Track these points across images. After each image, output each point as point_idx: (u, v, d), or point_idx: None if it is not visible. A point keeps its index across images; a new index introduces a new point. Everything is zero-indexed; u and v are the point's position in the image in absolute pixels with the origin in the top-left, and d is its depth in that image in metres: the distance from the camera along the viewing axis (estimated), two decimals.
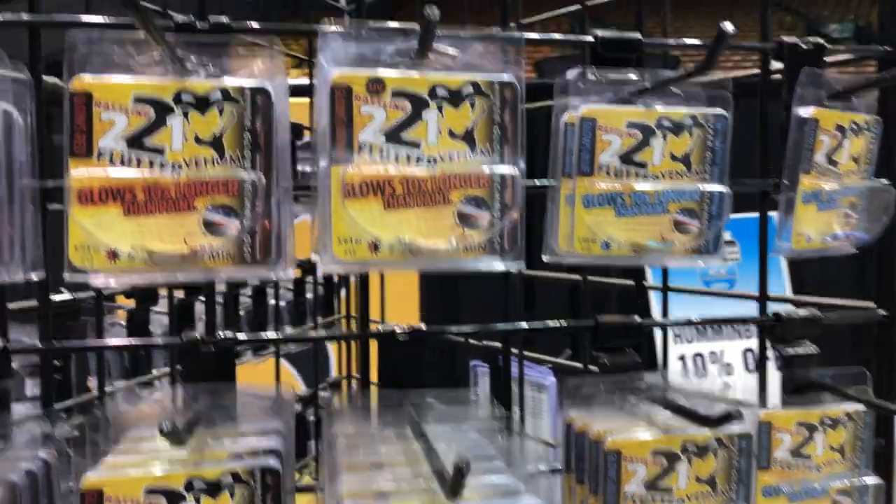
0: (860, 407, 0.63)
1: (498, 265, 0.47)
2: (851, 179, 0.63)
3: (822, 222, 0.61)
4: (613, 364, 0.63)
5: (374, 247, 0.44)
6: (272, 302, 1.21)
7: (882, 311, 0.69)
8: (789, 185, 0.61)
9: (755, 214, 0.68)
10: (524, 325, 0.62)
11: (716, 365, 3.07)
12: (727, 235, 0.61)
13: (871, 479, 0.63)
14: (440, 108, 0.45)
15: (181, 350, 0.57)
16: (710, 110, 0.57)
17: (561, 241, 0.58)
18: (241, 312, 1.17)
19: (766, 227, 0.67)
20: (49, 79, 0.68)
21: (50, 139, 0.59)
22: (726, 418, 0.49)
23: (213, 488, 0.46)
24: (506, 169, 0.46)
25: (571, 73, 0.56)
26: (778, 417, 0.61)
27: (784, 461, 0.61)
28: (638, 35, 0.62)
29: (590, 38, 0.61)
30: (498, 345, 0.66)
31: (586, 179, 0.55)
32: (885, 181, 0.65)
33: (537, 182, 0.58)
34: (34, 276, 0.54)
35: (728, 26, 0.46)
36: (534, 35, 0.63)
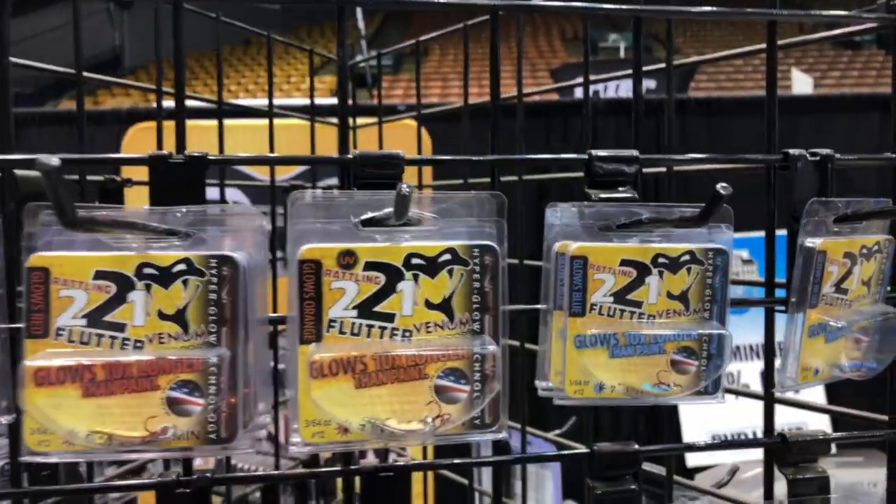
0: None
1: (479, 438, 0.44)
2: (862, 304, 0.59)
3: (830, 353, 0.58)
4: (605, 495, 0.60)
5: (344, 430, 0.42)
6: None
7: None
8: (797, 305, 0.58)
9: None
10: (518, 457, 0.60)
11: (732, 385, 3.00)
12: (745, 254, 0.58)
13: None
14: (416, 278, 0.43)
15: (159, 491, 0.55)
16: (710, 245, 0.53)
17: (553, 376, 0.55)
18: None
19: (773, 367, 0.63)
20: (23, 173, 0.67)
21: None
22: None
23: None
24: (488, 346, 0.43)
25: (562, 208, 0.53)
26: None
27: None
28: (635, 152, 0.59)
29: (584, 157, 0.58)
30: None
31: (578, 320, 0.53)
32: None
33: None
34: (3, 421, 0.53)
35: (723, 190, 0.43)
36: (535, 156, 0.61)
